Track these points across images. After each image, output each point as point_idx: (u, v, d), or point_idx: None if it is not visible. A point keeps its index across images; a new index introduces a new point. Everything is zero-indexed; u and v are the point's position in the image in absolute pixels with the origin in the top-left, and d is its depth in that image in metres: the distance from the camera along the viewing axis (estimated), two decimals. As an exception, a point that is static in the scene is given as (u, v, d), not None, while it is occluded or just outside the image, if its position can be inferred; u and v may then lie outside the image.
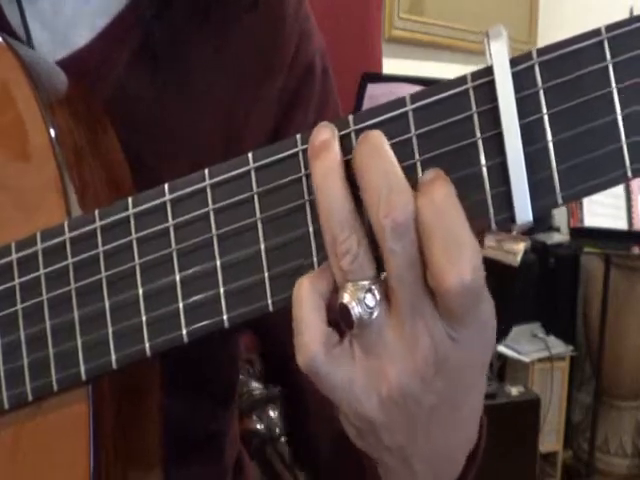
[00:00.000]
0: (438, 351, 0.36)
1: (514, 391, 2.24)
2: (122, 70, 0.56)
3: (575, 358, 2.71)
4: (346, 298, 0.36)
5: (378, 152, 0.35)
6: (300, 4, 0.63)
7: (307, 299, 0.37)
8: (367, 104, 1.97)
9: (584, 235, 2.48)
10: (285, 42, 0.61)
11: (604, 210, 2.39)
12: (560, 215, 2.77)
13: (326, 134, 0.37)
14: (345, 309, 0.36)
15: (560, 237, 2.79)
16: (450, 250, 0.34)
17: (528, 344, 2.60)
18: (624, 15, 0.34)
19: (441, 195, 0.34)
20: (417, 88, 0.38)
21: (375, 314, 0.36)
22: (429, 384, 0.37)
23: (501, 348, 2.55)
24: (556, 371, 2.60)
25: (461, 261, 0.34)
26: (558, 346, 2.63)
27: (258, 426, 1.57)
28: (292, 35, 0.62)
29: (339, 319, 0.36)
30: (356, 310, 0.35)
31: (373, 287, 0.36)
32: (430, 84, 0.37)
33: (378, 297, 0.36)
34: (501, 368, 2.60)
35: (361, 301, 0.35)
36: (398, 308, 0.36)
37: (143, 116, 0.56)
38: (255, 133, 0.59)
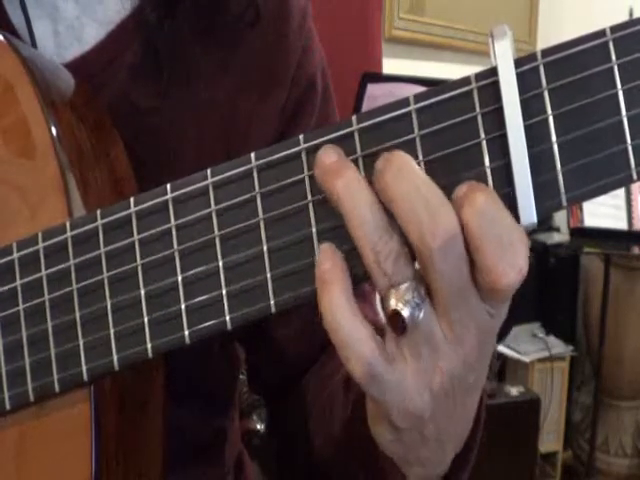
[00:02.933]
0: (482, 336, 0.37)
1: (514, 391, 2.23)
2: (125, 78, 0.56)
3: (575, 358, 2.71)
4: (393, 303, 0.35)
5: (408, 172, 0.35)
6: (304, 19, 0.63)
7: (345, 307, 0.36)
8: (367, 104, 1.96)
9: (584, 235, 2.48)
10: (287, 56, 0.61)
11: (604, 210, 2.39)
12: (560, 215, 2.76)
13: (333, 156, 0.36)
14: (395, 314, 0.35)
15: (560, 237, 2.78)
16: (506, 253, 0.34)
17: (528, 344, 2.60)
18: (623, 15, 0.34)
19: (484, 203, 0.34)
20: (417, 88, 0.37)
21: (422, 312, 0.35)
22: (472, 365, 0.38)
23: (501, 348, 2.54)
24: (556, 371, 2.60)
25: (518, 259, 0.34)
26: (558, 346, 2.63)
27: (258, 426, 1.57)
28: (295, 50, 0.62)
29: (388, 327, 0.36)
30: (406, 312, 0.35)
31: (416, 285, 0.35)
32: (430, 84, 0.36)
33: (423, 293, 0.36)
34: (501, 368, 2.60)
35: (409, 301, 0.35)
36: (444, 309, 0.36)
37: (145, 124, 0.56)
38: (256, 145, 0.59)
